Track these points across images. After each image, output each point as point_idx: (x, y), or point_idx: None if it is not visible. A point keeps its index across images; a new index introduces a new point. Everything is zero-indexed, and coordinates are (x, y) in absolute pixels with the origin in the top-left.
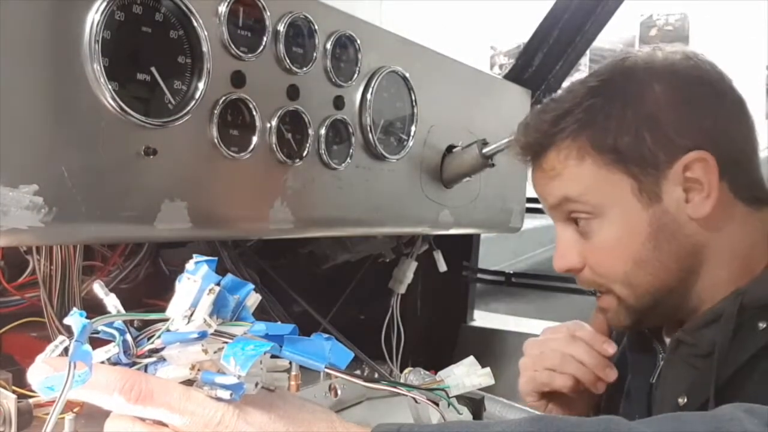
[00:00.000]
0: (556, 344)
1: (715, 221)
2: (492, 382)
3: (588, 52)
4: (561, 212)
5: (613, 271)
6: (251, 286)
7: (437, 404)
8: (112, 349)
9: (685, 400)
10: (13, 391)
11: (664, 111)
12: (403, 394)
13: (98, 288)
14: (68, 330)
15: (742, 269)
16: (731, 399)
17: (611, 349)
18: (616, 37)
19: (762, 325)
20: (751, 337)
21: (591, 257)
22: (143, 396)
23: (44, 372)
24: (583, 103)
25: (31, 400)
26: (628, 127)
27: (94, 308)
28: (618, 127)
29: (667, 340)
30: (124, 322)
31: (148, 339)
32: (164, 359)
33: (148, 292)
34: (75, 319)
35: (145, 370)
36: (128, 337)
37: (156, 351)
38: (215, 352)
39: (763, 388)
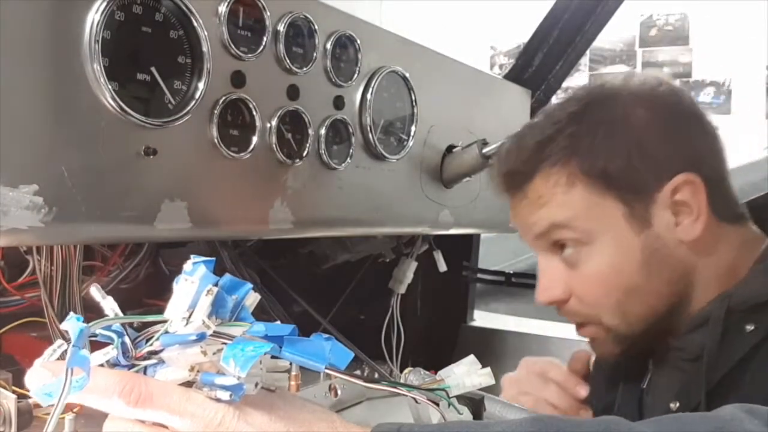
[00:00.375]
0: (530, 387)
1: (704, 243)
2: (492, 381)
3: (588, 52)
4: (546, 241)
5: (605, 301)
6: (249, 285)
7: (437, 404)
8: (110, 352)
9: (677, 404)
10: (13, 391)
11: (650, 135)
12: (404, 395)
13: (95, 291)
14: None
15: (729, 281)
16: (722, 402)
17: (584, 391)
18: (616, 37)
19: (749, 327)
20: (739, 340)
21: (579, 287)
22: (143, 399)
23: (42, 377)
24: (567, 129)
25: (31, 400)
26: (617, 152)
27: (94, 308)
28: (607, 152)
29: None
30: (122, 324)
31: (147, 341)
32: (163, 361)
33: (148, 292)
34: (72, 323)
35: (144, 372)
36: (126, 339)
37: (155, 353)
38: (214, 354)
39: (754, 390)
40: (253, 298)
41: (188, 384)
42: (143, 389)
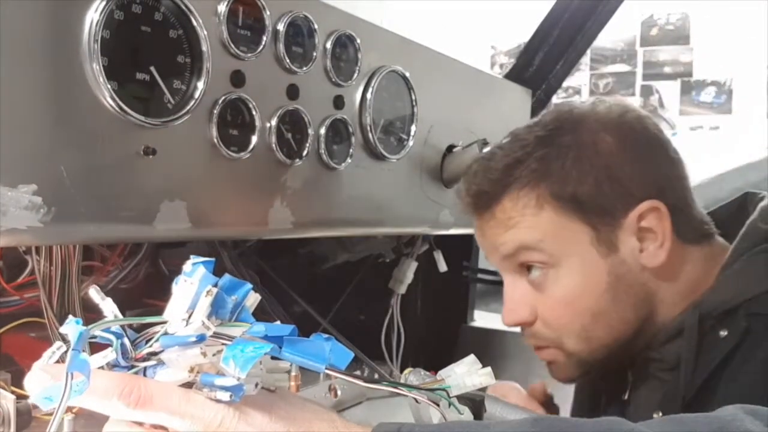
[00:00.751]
0: None
1: (669, 268)
2: (493, 381)
3: (589, 51)
4: (513, 262)
5: (570, 325)
6: (249, 285)
7: (438, 404)
8: (109, 354)
9: (660, 414)
10: (12, 392)
11: (617, 161)
12: (404, 395)
13: (94, 293)
14: None
15: (696, 295)
16: (703, 409)
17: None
18: (617, 36)
19: (723, 333)
20: (715, 346)
21: (546, 310)
22: (143, 400)
23: (42, 380)
24: (535, 152)
25: (30, 401)
26: (586, 177)
27: (93, 309)
28: (577, 176)
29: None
30: (122, 325)
31: (146, 342)
32: (163, 362)
33: (148, 292)
34: (71, 327)
35: (144, 374)
36: (126, 340)
37: (154, 354)
38: (214, 355)
39: (732, 394)
40: (253, 299)
41: (188, 385)
42: (143, 391)
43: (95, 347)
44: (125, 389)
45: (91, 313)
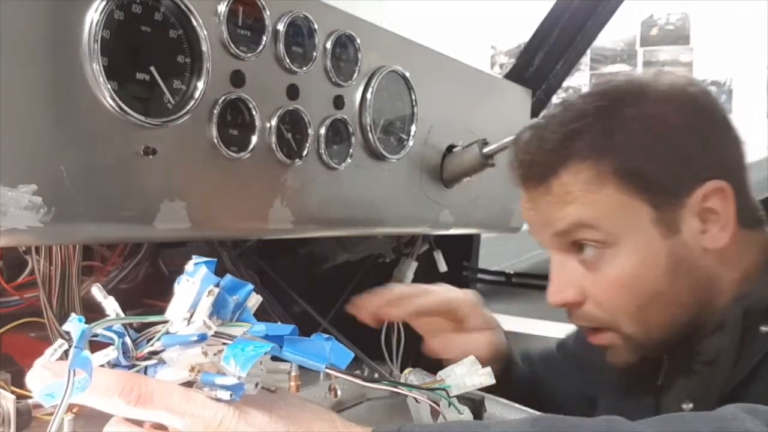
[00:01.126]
0: None
1: (729, 252)
2: (493, 381)
3: (589, 51)
4: (566, 240)
5: (624, 307)
6: (250, 286)
7: (438, 404)
8: (111, 353)
9: (690, 406)
10: (12, 392)
11: (686, 137)
12: (404, 394)
13: (97, 291)
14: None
15: (746, 285)
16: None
17: None
18: (617, 36)
19: (764, 329)
20: (756, 342)
21: (598, 291)
22: (143, 398)
23: (44, 378)
24: (597, 123)
25: (30, 401)
26: (653, 153)
27: (93, 308)
28: (643, 152)
29: None
30: (123, 324)
31: (148, 341)
32: (164, 361)
33: (148, 292)
34: (74, 324)
35: (145, 373)
36: (127, 339)
37: (155, 353)
38: (215, 354)
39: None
40: (255, 300)
41: (188, 384)
42: (144, 389)
43: (96, 346)
44: (126, 387)
45: (91, 313)
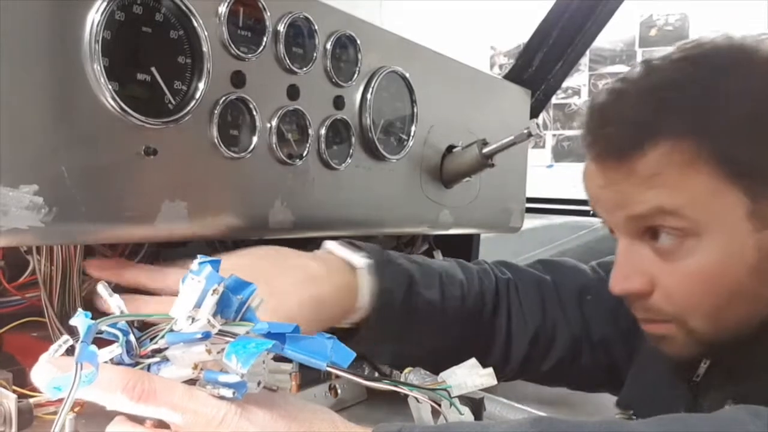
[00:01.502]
0: None
1: None
2: (494, 382)
3: (588, 52)
4: (640, 225)
5: (699, 302)
6: (254, 286)
7: (439, 404)
8: (115, 350)
9: (731, 403)
10: (14, 391)
11: None
12: (405, 393)
13: (102, 289)
14: (68, 330)
15: None
16: None
17: None
18: (616, 36)
19: None
20: None
21: (671, 282)
22: (146, 394)
23: (49, 372)
24: (692, 96)
25: (31, 400)
26: (756, 137)
27: (94, 308)
28: (747, 135)
29: None
30: (128, 322)
31: (152, 339)
32: (167, 359)
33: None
34: (81, 320)
35: (148, 370)
36: (131, 337)
37: (159, 351)
38: (218, 353)
39: None
40: (258, 300)
41: (191, 382)
42: (147, 385)
43: (100, 343)
44: (129, 383)
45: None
